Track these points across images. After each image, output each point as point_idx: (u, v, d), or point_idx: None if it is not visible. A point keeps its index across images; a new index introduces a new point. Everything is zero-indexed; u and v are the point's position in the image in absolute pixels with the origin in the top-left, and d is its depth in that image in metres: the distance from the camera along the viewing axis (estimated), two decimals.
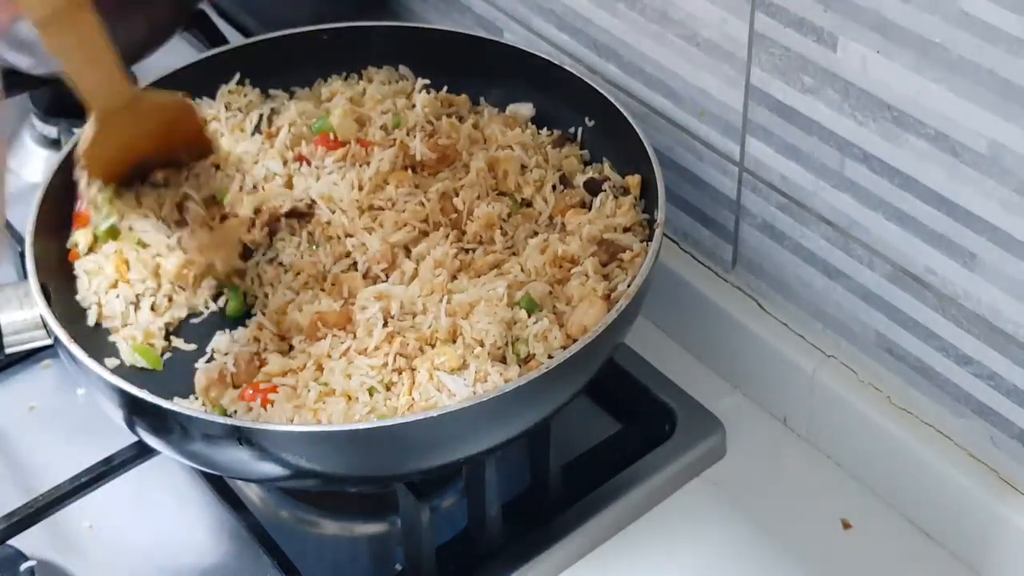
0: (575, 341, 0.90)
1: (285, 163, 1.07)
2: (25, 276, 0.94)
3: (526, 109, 1.11)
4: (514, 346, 0.92)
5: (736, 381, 1.12)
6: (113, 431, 0.94)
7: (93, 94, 0.98)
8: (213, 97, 1.13)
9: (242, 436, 0.84)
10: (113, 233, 1.02)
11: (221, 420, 0.85)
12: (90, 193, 1.01)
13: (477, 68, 1.14)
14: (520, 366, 0.91)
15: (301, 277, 0.99)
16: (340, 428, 0.88)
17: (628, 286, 0.93)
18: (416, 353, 0.92)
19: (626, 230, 1.00)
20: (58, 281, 0.99)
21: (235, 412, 0.91)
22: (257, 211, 1.03)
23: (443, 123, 1.09)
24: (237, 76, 1.13)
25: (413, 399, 0.90)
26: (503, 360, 0.92)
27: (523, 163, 1.06)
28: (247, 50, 1.14)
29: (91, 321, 0.98)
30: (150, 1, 1.22)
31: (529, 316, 0.93)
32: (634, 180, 1.03)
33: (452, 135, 1.08)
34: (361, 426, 0.87)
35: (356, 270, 0.99)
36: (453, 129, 1.08)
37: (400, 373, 0.91)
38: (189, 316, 1.00)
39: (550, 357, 0.90)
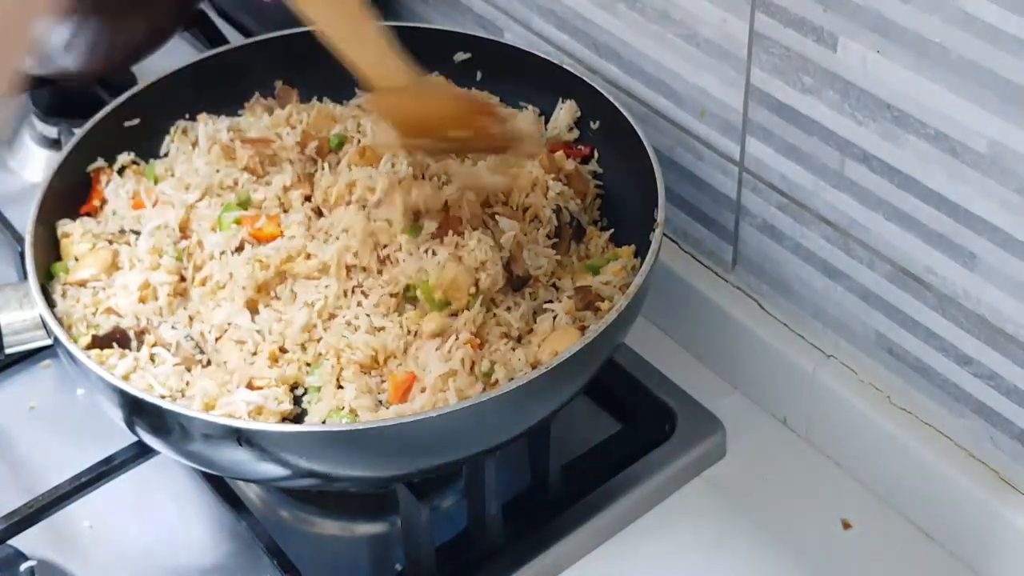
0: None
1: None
2: (25, 276, 0.95)
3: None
4: (478, 365, 0.93)
5: (736, 381, 1.12)
6: (113, 431, 0.94)
7: (362, 72, 0.97)
8: (212, 102, 1.13)
9: (242, 436, 0.84)
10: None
11: (221, 420, 0.85)
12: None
13: (477, 68, 1.14)
14: (485, 385, 0.92)
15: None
16: (340, 428, 0.88)
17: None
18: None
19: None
20: None
21: None
22: None
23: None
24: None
25: None
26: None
27: (537, 184, 1.04)
28: (247, 50, 1.15)
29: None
30: (150, 1, 1.22)
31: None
32: (627, 251, 1.02)
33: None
34: (361, 426, 0.87)
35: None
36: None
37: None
38: None
39: (511, 380, 0.90)
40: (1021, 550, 0.94)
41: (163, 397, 0.91)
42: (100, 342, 0.95)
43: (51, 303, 0.96)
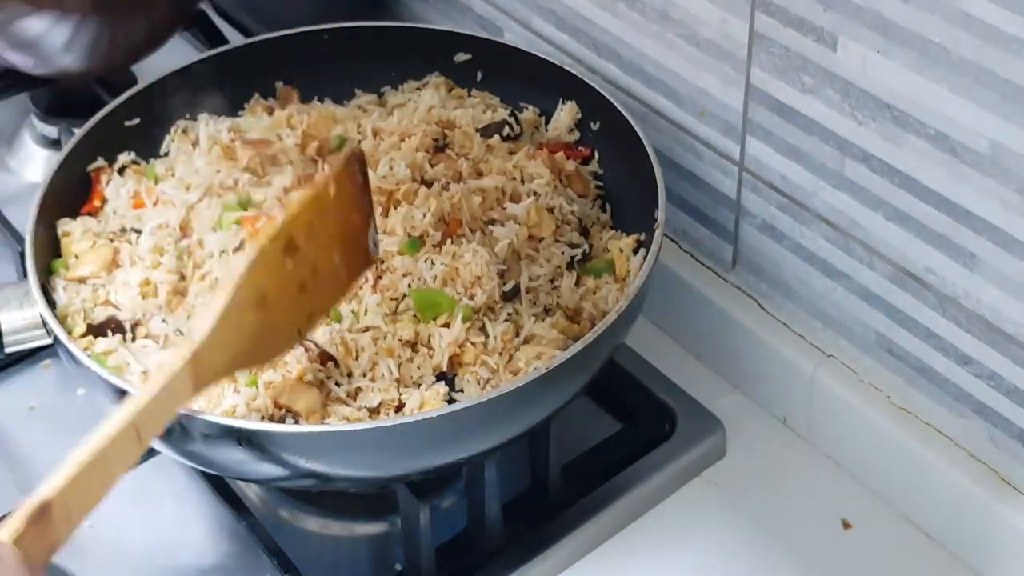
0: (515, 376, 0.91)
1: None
2: (25, 276, 0.95)
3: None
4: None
5: (736, 381, 1.12)
6: None
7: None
8: (212, 102, 1.13)
9: (242, 437, 0.84)
10: None
11: (221, 420, 0.85)
12: None
13: (477, 68, 1.14)
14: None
15: None
16: (340, 428, 0.88)
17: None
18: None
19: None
20: None
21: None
22: None
23: (457, 135, 1.08)
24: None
25: None
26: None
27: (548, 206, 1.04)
28: (247, 50, 1.15)
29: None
30: (150, 1, 1.22)
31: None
32: (629, 241, 1.02)
33: (465, 144, 1.08)
34: (361, 426, 0.87)
35: None
36: (467, 139, 1.08)
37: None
38: None
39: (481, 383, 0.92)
40: (1021, 550, 0.94)
41: (145, 376, 0.92)
42: (94, 331, 0.95)
43: (51, 303, 0.96)
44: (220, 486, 1.02)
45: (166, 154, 1.11)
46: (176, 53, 1.28)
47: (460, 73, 1.15)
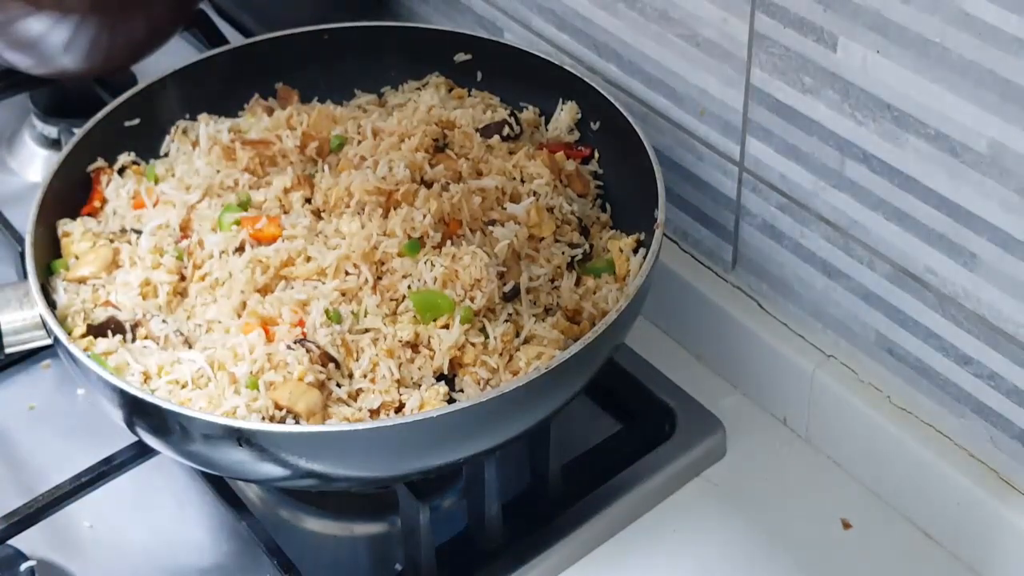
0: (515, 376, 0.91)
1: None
2: (25, 276, 0.95)
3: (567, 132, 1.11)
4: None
5: (736, 381, 1.12)
6: (113, 431, 0.94)
7: None
8: (212, 102, 1.13)
9: (242, 437, 0.84)
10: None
11: (221, 421, 0.85)
12: None
13: (477, 68, 1.14)
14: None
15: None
16: (340, 428, 0.88)
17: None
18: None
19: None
20: None
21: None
22: None
23: (457, 135, 1.08)
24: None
25: None
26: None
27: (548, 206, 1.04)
28: (247, 50, 1.15)
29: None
30: (150, 1, 1.22)
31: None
32: (629, 241, 1.02)
33: (465, 144, 1.08)
34: (361, 426, 0.87)
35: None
36: (467, 139, 1.08)
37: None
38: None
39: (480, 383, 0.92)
40: (1021, 550, 0.94)
41: (145, 377, 0.92)
42: (95, 331, 0.95)
43: (51, 303, 0.96)
44: (220, 486, 1.02)
45: (166, 154, 1.11)
46: (176, 53, 1.29)
47: (460, 73, 1.15)
